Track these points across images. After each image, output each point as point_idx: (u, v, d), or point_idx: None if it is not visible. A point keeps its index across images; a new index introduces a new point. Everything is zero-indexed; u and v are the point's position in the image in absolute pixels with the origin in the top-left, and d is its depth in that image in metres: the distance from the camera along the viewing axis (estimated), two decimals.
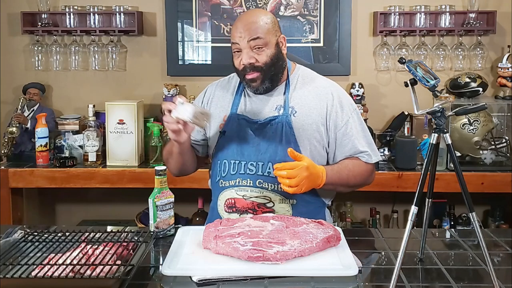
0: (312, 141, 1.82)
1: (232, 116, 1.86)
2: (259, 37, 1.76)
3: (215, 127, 1.89)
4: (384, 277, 1.38)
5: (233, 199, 1.81)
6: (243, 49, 1.77)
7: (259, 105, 1.86)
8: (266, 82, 1.80)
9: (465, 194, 1.30)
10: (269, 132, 1.81)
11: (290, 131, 1.80)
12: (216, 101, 1.93)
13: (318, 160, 1.83)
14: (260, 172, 1.79)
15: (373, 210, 3.10)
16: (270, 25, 1.79)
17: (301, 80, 1.89)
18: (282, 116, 1.81)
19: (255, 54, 1.77)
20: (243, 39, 1.76)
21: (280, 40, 1.82)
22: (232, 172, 1.82)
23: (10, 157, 2.96)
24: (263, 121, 1.82)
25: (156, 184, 1.63)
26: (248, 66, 1.77)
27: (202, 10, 3.10)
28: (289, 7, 3.08)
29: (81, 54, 3.15)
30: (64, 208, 3.34)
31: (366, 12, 3.11)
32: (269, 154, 1.79)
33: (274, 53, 1.79)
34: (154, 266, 1.44)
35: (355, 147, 1.84)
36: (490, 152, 2.80)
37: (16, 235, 1.53)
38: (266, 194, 1.79)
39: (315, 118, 1.83)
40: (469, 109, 1.43)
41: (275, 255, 1.37)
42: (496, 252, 1.57)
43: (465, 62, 3.08)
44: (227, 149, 1.84)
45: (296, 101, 1.84)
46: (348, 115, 1.85)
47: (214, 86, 1.99)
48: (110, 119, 2.85)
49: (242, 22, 1.79)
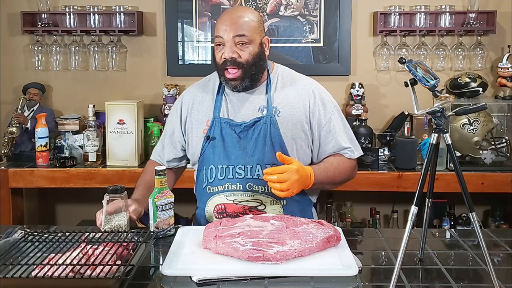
0: (297, 141, 1.83)
1: (215, 120, 1.83)
2: (245, 34, 1.75)
3: (198, 133, 1.86)
4: (384, 277, 1.38)
5: (223, 205, 1.80)
6: (227, 43, 1.76)
7: (240, 105, 1.84)
8: (246, 80, 1.79)
9: (465, 194, 1.30)
10: (255, 134, 1.80)
11: (276, 131, 1.80)
12: (197, 107, 1.90)
13: (303, 159, 1.85)
14: (249, 176, 1.79)
15: (373, 210, 3.10)
16: (256, 23, 1.79)
17: (281, 80, 1.88)
18: (266, 117, 1.81)
19: (238, 50, 1.76)
20: (228, 33, 1.75)
21: (263, 41, 1.82)
22: (220, 177, 1.81)
23: (10, 157, 2.96)
24: (248, 123, 1.81)
25: (156, 184, 1.63)
26: (229, 60, 1.75)
27: (202, 10, 3.10)
28: (289, 7, 3.08)
29: (81, 54, 3.15)
30: (64, 208, 3.34)
31: (366, 12, 3.11)
32: (256, 156, 1.79)
33: (257, 52, 1.78)
34: (154, 266, 1.44)
35: (338, 143, 1.86)
36: (490, 152, 2.80)
37: (16, 235, 1.53)
38: (257, 197, 1.79)
39: (299, 117, 1.83)
40: (469, 109, 1.43)
41: (275, 255, 1.37)
42: (496, 252, 1.57)
43: (465, 62, 3.08)
44: (213, 154, 1.82)
45: (279, 101, 1.84)
46: (330, 113, 1.87)
47: (191, 90, 1.95)
48: (110, 119, 2.85)
49: (229, 16, 1.78)
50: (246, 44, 1.76)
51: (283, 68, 1.94)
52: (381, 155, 2.90)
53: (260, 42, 1.80)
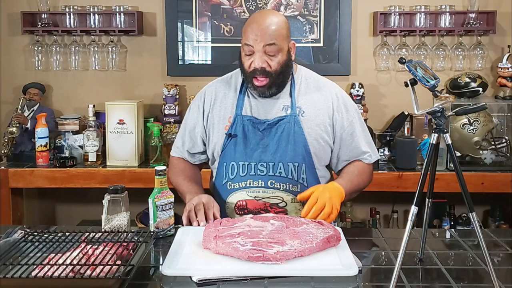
0: (319, 141, 1.84)
1: (237, 117, 1.84)
2: (275, 43, 1.74)
3: (220, 129, 1.87)
4: (384, 277, 1.38)
5: (244, 201, 1.82)
6: (257, 52, 1.74)
7: (264, 103, 1.85)
8: (273, 88, 1.80)
9: (465, 194, 1.30)
10: (278, 132, 1.81)
11: (299, 130, 1.81)
12: (219, 102, 1.90)
13: (324, 159, 1.87)
14: (271, 173, 1.80)
15: (373, 210, 3.10)
16: (285, 30, 1.78)
17: (305, 81, 1.90)
18: (290, 116, 1.82)
19: (268, 59, 1.75)
20: (259, 43, 1.73)
21: (290, 46, 1.82)
22: (242, 174, 1.82)
23: (10, 157, 2.96)
24: (271, 121, 1.82)
25: (156, 184, 1.63)
26: (259, 69, 1.75)
27: (202, 10, 3.10)
28: (289, 7, 3.08)
29: (81, 54, 3.15)
30: (64, 208, 3.34)
31: (366, 12, 3.11)
32: (279, 154, 1.80)
33: (285, 60, 1.78)
34: (154, 266, 1.44)
35: (358, 147, 1.88)
36: (490, 152, 2.80)
37: (16, 235, 1.53)
38: (278, 194, 1.80)
39: (323, 119, 1.84)
40: (469, 109, 1.43)
41: (275, 255, 1.37)
42: (496, 252, 1.57)
43: (465, 62, 3.08)
44: (235, 151, 1.83)
45: (303, 101, 1.85)
46: (352, 116, 1.88)
47: (214, 85, 1.95)
48: (110, 119, 2.85)
49: (259, 24, 1.74)
50: (275, 54, 1.75)
51: (306, 70, 1.94)
52: (381, 155, 2.90)
53: (287, 49, 1.80)
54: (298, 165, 1.81)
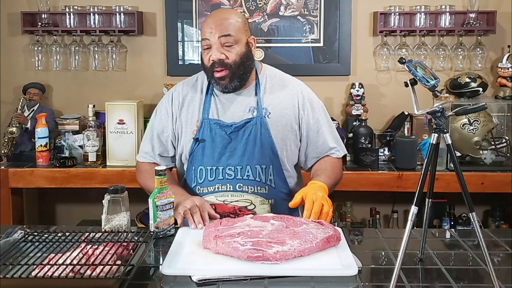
0: (287, 142, 1.85)
1: (204, 121, 1.84)
2: (230, 34, 1.76)
3: (187, 133, 1.86)
4: (384, 277, 1.38)
5: (214, 205, 1.81)
6: (213, 45, 1.77)
7: (230, 105, 1.85)
8: (235, 80, 1.80)
9: (465, 194, 1.30)
10: (245, 135, 1.81)
11: (266, 132, 1.81)
12: (186, 106, 1.89)
13: (291, 159, 1.89)
14: (239, 176, 1.81)
15: (373, 210, 3.10)
16: (241, 23, 1.80)
17: (270, 81, 1.90)
18: (256, 118, 1.82)
19: (225, 51, 1.77)
20: (214, 35, 1.76)
21: (250, 41, 1.83)
22: (210, 178, 1.82)
23: (10, 157, 2.96)
24: (238, 123, 1.82)
25: (156, 184, 1.63)
26: (217, 62, 1.76)
27: (202, 10, 3.10)
28: (289, 7, 3.08)
29: (81, 54, 3.15)
30: (64, 208, 3.34)
31: (366, 12, 3.11)
32: (246, 157, 1.81)
33: (243, 51, 1.79)
34: (154, 266, 1.44)
35: (325, 143, 1.90)
36: (490, 152, 2.80)
37: (16, 235, 1.53)
38: (247, 197, 1.81)
39: (289, 118, 1.85)
40: (469, 109, 1.43)
41: (275, 255, 1.37)
42: (496, 252, 1.57)
43: (465, 62, 3.08)
44: (203, 155, 1.83)
45: (269, 102, 1.85)
46: (318, 113, 1.90)
47: (180, 87, 1.94)
48: (110, 119, 2.85)
49: (213, 18, 1.80)
50: (232, 45, 1.77)
51: (271, 69, 1.95)
52: (381, 155, 2.90)
53: (246, 42, 1.81)
54: (266, 167, 1.82)
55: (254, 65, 1.87)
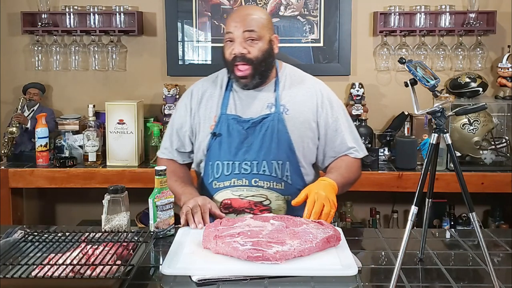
0: (304, 139, 1.85)
1: (222, 116, 1.85)
2: (254, 30, 1.78)
3: (205, 128, 1.88)
4: (384, 277, 1.38)
5: (229, 200, 1.82)
6: (236, 38, 1.78)
7: (249, 101, 1.86)
8: (256, 77, 1.81)
9: (465, 194, 1.30)
10: (262, 130, 1.82)
11: (283, 129, 1.82)
12: (205, 101, 1.91)
13: (309, 157, 1.88)
14: (255, 171, 1.81)
15: (373, 210, 3.10)
16: (266, 21, 1.82)
17: (289, 79, 1.91)
18: (274, 114, 1.83)
19: (247, 46, 1.78)
20: (238, 29, 1.77)
21: (272, 39, 1.85)
22: (226, 173, 1.83)
23: (10, 157, 2.96)
24: (256, 119, 1.83)
25: (156, 184, 1.63)
26: (239, 56, 1.77)
27: (202, 10, 3.10)
28: (289, 7, 3.08)
29: (81, 54, 3.15)
30: (64, 208, 3.34)
31: (366, 12, 3.11)
32: (263, 152, 1.81)
33: (266, 48, 1.80)
34: (154, 266, 1.44)
35: (344, 143, 1.89)
36: (490, 152, 2.80)
37: (16, 235, 1.53)
38: (263, 193, 1.81)
39: (307, 116, 1.85)
40: (469, 109, 1.43)
41: (275, 255, 1.37)
42: (496, 252, 1.57)
43: (465, 62, 3.08)
44: (219, 150, 1.84)
45: (287, 99, 1.86)
46: (337, 112, 1.89)
47: (200, 84, 1.96)
48: (110, 119, 2.85)
49: (239, 13, 1.82)
50: (256, 40, 1.78)
51: (291, 68, 1.96)
52: (381, 155, 2.90)
53: (269, 39, 1.82)
54: (282, 163, 1.82)
55: (275, 63, 1.89)
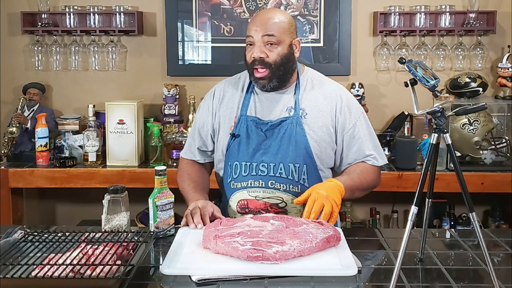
0: (321, 143, 1.84)
1: (242, 118, 1.87)
2: (273, 34, 1.78)
3: (225, 128, 1.90)
4: (384, 277, 1.38)
5: (246, 200, 1.83)
6: (256, 42, 1.79)
7: (269, 105, 1.87)
8: (274, 80, 1.82)
9: (465, 194, 1.30)
10: (280, 133, 1.83)
11: (301, 132, 1.82)
12: (226, 101, 1.93)
13: (327, 162, 1.88)
14: (272, 173, 1.82)
15: (373, 210, 3.10)
16: (287, 25, 1.81)
17: (310, 82, 1.91)
18: (293, 117, 1.83)
19: (266, 50, 1.79)
20: (258, 33, 1.78)
21: (294, 43, 1.84)
22: (244, 173, 1.84)
23: (10, 157, 2.96)
24: (274, 122, 1.84)
25: (156, 184, 1.63)
26: (258, 59, 1.78)
27: (202, 10, 3.10)
28: (289, 7, 3.08)
29: (81, 54, 3.15)
30: (64, 208, 3.34)
31: (366, 12, 3.11)
32: (280, 155, 1.82)
33: (285, 53, 1.80)
34: (154, 266, 1.44)
35: (361, 149, 1.87)
36: (490, 152, 2.80)
37: (16, 235, 1.53)
38: (278, 195, 1.81)
39: (325, 120, 1.85)
40: (469, 109, 1.43)
41: (275, 255, 1.37)
42: (496, 252, 1.57)
43: (465, 62, 3.08)
44: (238, 151, 1.85)
45: (307, 103, 1.86)
46: (356, 118, 1.88)
47: (223, 84, 1.98)
48: (110, 119, 2.85)
49: (260, 17, 1.82)
50: (275, 45, 1.79)
51: (313, 72, 1.96)
52: None
53: (289, 44, 1.82)
54: (299, 166, 1.82)
55: (296, 66, 1.88)
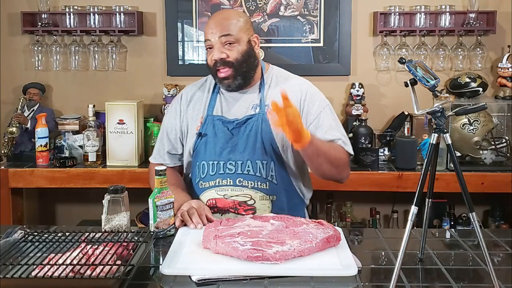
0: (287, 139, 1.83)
1: (208, 117, 1.89)
2: (230, 33, 1.81)
3: (192, 130, 1.92)
4: (384, 277, 1.38)
5: (214, 199, 1.84)
6: (215, 45, 1.82)
7: (234, 103, 1.89)
8: (238, 78, 1.84)
9: (465, 194, 1.30)
10: (247, 130, 1.84)
11: (267, 128, 1.83)
12: (193, 104, 1.96)
13: (295, 157, 1.88)
14: (239, 171, 1.83)
15: (373, 210, 3.10)
16: (242, 23, 1.84)
17: (275, 79, 1.93)
18: (258, 114, 1.85)
19: (226, 50, 1.81)
20: (214, 35, 1.81)
21: (252, 39, 1.87)
22: (211, 173, 1.85)
23: (10, 157, 2.96)
24: (240, 120, 1.86)
25: (156, 184, 1.63)
26: (219, 61, 1.81)
27: (202, 10, 3.10)
28: (289, 7, 3.08)
29: (81, 54, 3.15)
30: (64, 208, 3.34)
31: (366, 12, 3.11)
32: (247, 152, 1.83)
33: (245, 50, 1.83)
34: (154, 266, 1.44)
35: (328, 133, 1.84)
36: (490, 152, 2.80)
37: (16, 235, 1.53)
38: (247, 192, 1.82)
39: None
40: (469, 109, 1.43)
41: (275, 255, 1.37)
42: (496, 252, 1.57)
43: (465, 62, 3.08)
44: (205, 150, 1.87)
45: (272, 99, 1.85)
46: (320, 109, 1.88)
47: (189, 88, 2.02)
48: (110, 119, 2.85)
49: (213, 19, 1.86)
50: (234, 44, 1.81)
51: (277, 69, 1.98)
52: (381, 155, 2.90)
53: (248, 40, 1.85)
54: (267, 163, 1.83)
55: (259, 63, 1.91)
